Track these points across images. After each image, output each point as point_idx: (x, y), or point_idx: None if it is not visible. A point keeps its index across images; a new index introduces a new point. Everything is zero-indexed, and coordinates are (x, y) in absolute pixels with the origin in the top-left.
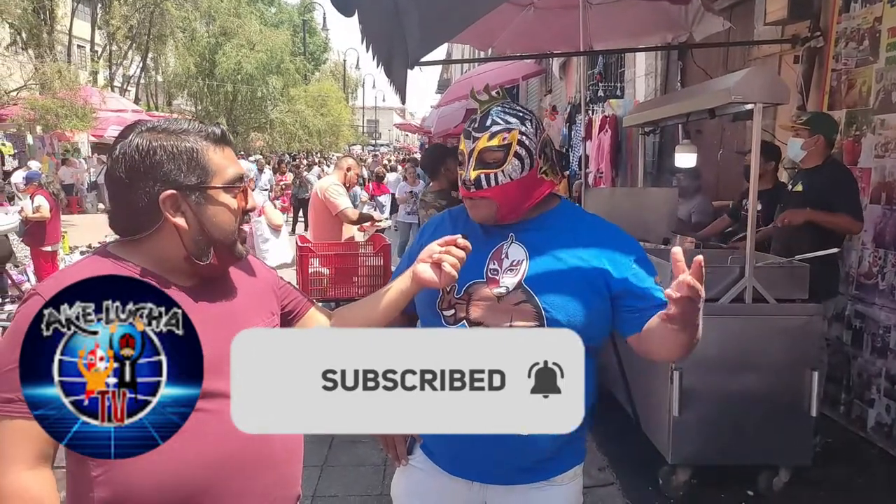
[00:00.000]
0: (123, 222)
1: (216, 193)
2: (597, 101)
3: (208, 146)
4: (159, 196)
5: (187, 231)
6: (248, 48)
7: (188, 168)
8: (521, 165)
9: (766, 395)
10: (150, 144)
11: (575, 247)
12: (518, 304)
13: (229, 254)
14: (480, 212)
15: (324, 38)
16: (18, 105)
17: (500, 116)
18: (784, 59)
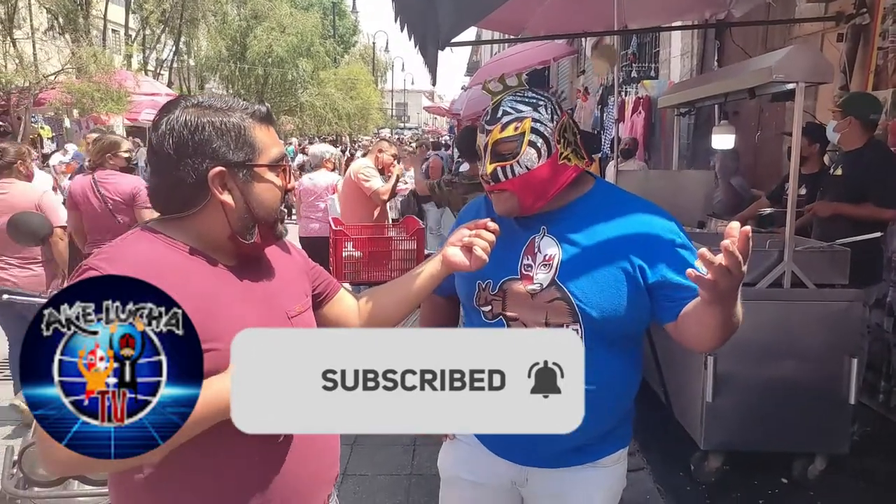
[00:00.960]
0: (168, 199)
1: (262, 171)
2: (630, 82)
3: (254, 124)
4: (208, 173)
5: (234, 209)
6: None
7: (236, 145)
8: (537, 154)
9: (803, 382)
10: (199, 120)
11: (608, 237)
12: (552, 302)
13: (271, 233)
14: (503, 205)
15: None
16: (56, 89)
17: (511, 106)
18: (827, 38)
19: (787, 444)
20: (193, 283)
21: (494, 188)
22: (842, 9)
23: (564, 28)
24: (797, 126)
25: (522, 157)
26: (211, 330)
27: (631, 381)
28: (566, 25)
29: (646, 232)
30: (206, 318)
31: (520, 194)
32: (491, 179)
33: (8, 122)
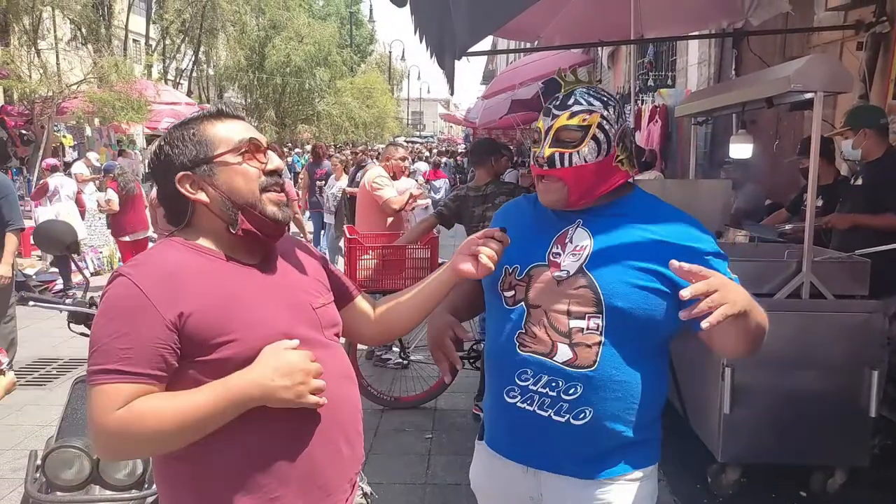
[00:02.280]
0: (173, 215)
1: (223, 160)
2: (646, 90)
3: (207, 124)
4: (175, 180)
5: (212, 203)
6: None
7: (188, 148)
8: (597, 149)
9: (822, 394)
10: (159, 145)
11: (643, 239)
12: (577, 289)
13: (261, 216)
14: (551, 195)
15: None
16: (78, 98)
17: (584, 98)
18: (846, 46)
19: (806, 457)
20: (214, 281)
21: (547, 173)
22: (861, 17)
23: (580, 37)
24: (816, 135)
25: (583, 148)
26: (231, 322)
27: (653, 391)
28: (582, 35)
29: (681, 241)
30: (226, 311)
31: (571, 185)
32: (547, 163)
33: (31, 130)
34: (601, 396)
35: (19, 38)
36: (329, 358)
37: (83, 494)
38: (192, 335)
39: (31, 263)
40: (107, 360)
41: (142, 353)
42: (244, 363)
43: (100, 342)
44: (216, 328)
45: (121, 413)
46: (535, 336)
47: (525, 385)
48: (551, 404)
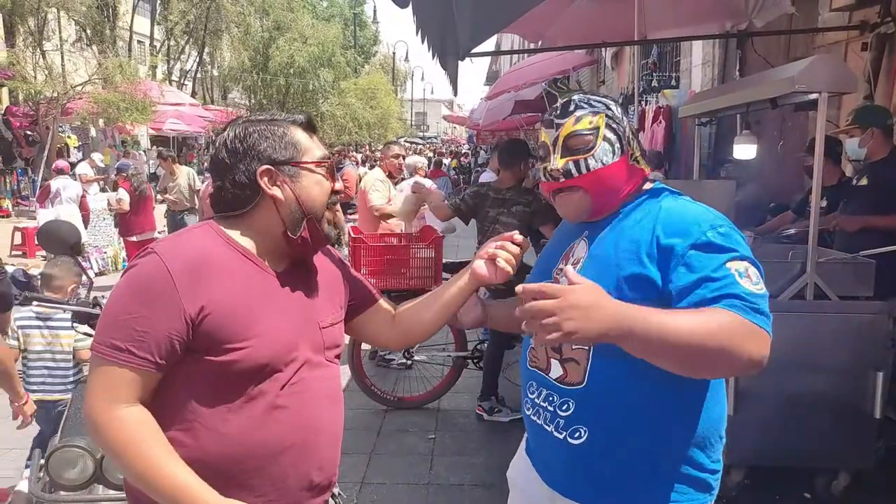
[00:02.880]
0: (227, 200)
1: (308, 168)
2: (650, 91)
3: (296, 129)
4: (257, 171)
5: (283, 203)
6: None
7: (280, 146)
8: (611, 150)
9: (826, 396)
10: (246, 129)
11: (631, 243)
12: None
13: (318, 231)
14: (573, 208)
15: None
16: (83, 99)
17: (584, 101)
18: (851, 47)
19: (809, 459)
20: (238, 283)
21: (565, 185)
22: (866, 18)
23: (584, 38)
24: (820, 136)
25: (598, 150)
26: (245, 329)
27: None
28: (586, 36)
29: (670, 235)
30: (242, 318)
31: (593, 192)
32: (563, 175)
33: (36, 131)
34: (596, 416)
35: (24, 40)
36: (321, 380)
37: (87, 494)
38: (206, 333)
39: (37, 264)
40: (121, 336)
41: (155, 340)
42: (247, 370)
43: (117, 316)
44: (230, 332)
45: (115, 422)
46: (536, 351)
47: (532, 398)
48: (551, 419)
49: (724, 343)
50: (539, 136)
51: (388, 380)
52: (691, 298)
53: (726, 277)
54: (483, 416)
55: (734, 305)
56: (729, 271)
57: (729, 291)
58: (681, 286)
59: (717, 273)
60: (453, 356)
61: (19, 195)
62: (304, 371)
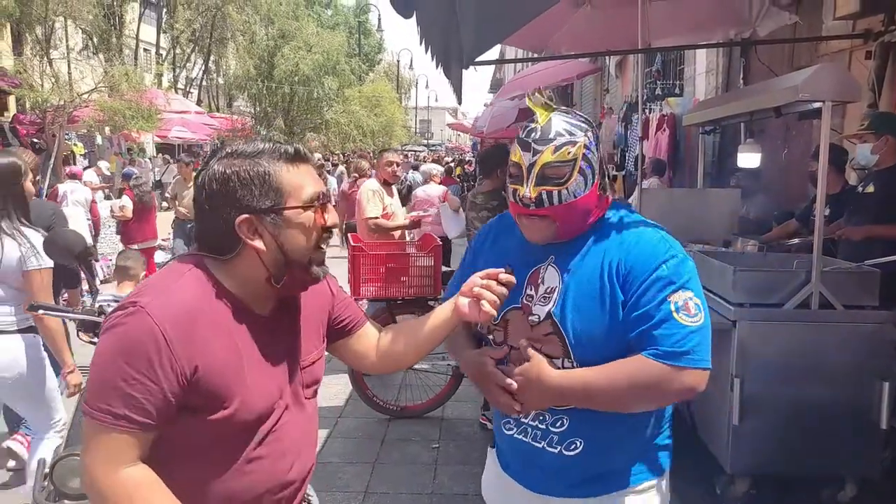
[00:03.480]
0: (210, 244)
1: (292, 214)
2: (654, 99)
3: (282, 167)
4: (235, 221)
5: (266, 253)
6: (306, 50)
7: (261, 192)
8: (584, 182)
9: (832, 405)
10: (226, 172)
11: (607, 272)
12: (547, 336)
13: (305, 274)
14: (539, 233)
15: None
16: (89, 107)
17: (565, 127)
18: (855, 55)
19: (816, 469)
20: (229, 335)
21: (536, 213)
22: (870, 26)
23: (588, 47)
24: (824, 145)
25: (571, 184)
26: (237, 385)
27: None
28: (590, 44)
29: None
30: (233, 374)
31: (561, 222)
32: (534, 203)
33: (43, 139)
34: (590, 427)
35: (32, 48)
36: (297, 421)
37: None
38: (200, 391)
39: None
40: (117, 403)
41: (153, 403)
42: (236, 425)
43: (111, 381)
44: (222, 387)
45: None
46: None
47: (517, 418)
48: (542, 436)
49: (646, 389)
50: (513, 154)
51: (390, 389)
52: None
53: (662, 310)
54: (487, 426)
55: (654, 353)
56: (668, 305)
57: (656, 332)
58: (631, 318)
59: (655, 306)
60: (453, 364)
61: None
62: (284, 416)
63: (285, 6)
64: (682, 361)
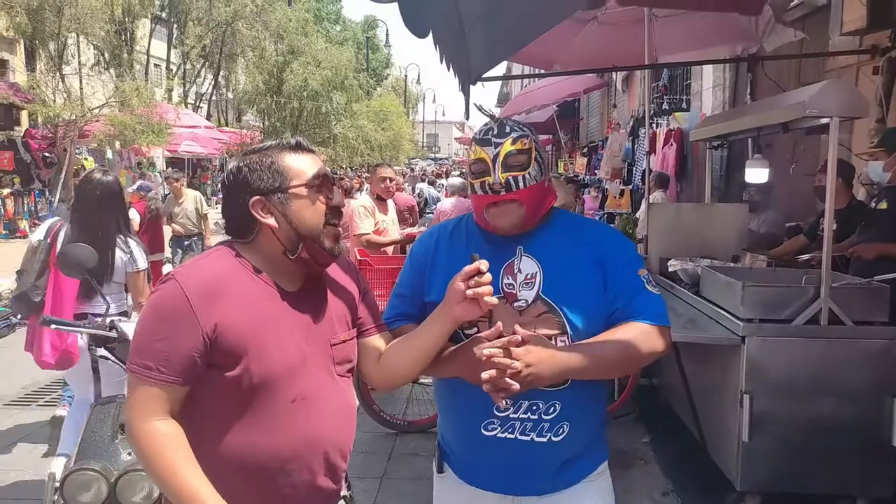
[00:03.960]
0: (234, 229)
1: (297, 192)
2: (661, 114)
3: (285, 154)
4: (249, 203)
5: (279, 228)
6: (314, 65)
7: (269, 176)
8: (539, 171)
9: (842, 422)
10: (238, 165)
11: (583, 254)
12: (540, 316)
13: (319, 248)
14: (507, 218)
15: (386, 55)
16: (100, 121)
17: (516, 126)
18: (862, 70)
19: (826, 487)
20: (250, 302)
21: (506, 197)
22: (877, 42)
23: (594, 62)
24: (832, 161)
25: (531, 170)
26: (254, 347)
27: (604, 387)
28: (596, 59)
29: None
30: (252, 334)
31: (527, 206)
32: (504, 188)
33: (54, 153)
34: (576, 408)
35: (45, 64)
36: (331, 394)
37: None
38: (221, 348)
39: None
40: (149, 356)
41: (179, 357)
42: (255, 387)
43: (143, 339)
44: (242, 347)
45: (146, 433)
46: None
47: (504, 415)
48: (532, 427)
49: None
50: (473, 154)
51: (397, 404)
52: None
53: (637, 283)
54: None
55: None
56: (640, 279)
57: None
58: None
59: (632, 280)
60: None
61: (36, 216)
62: (313, 385)
63: (295, 22)
64: (663, 321)
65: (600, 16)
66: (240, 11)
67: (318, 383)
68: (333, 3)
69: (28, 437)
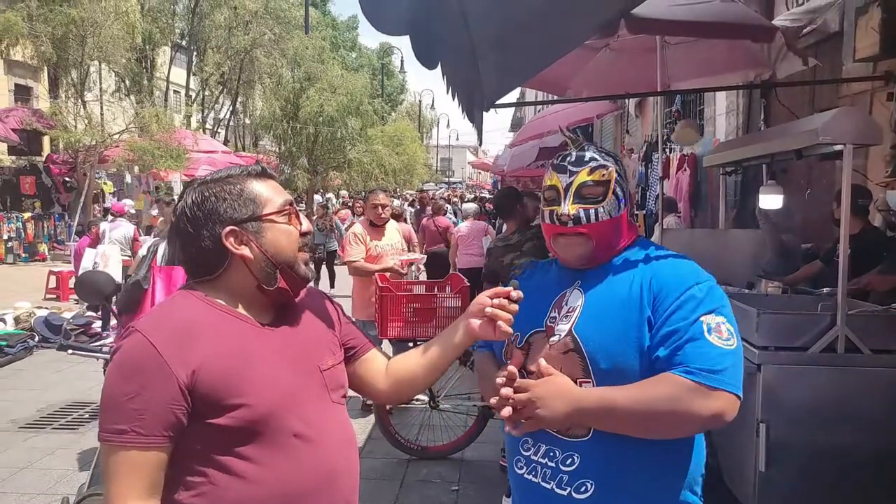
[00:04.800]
0: (198, 267)
1: (270, 220)
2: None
3: (252, 182)
4: (221, 234)
5: (253, 260)
6: (330, 92)
7: (239, 204)
8: (617, 204)
9: (861, 452)
10: (203, 194)
11: (629, 289)
12: (567, 353)
13: (294, 275)
14: (574, 251)
15: (401, 81)
16: (120, 147)
17: (598, 154)
18: (876, 97)
19: None
20: (227, 339)
21: (572, 230)
22: (891, 68)
23: (607, 89)
24: (846, 189)
25: (606, 203)
26: (240, 387)
27: (675, 462)
28: (609, 86)
29: (662, 284)
30: (235, 371)
31: (597, 241)
32: (572, 221)
33: (75, 177)
34: (602, 468)
35: (66, 91)
36: (334, 423)
37: None
38: (202, 395)
39: (69, 307)
40: (121, 419)
41: (154, 414)
42: (250, 428)
43: (114, 400)
44: (225, 389)
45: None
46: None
47: (528, 455)
48: (552, 476)
49: (673, 409)
50: (548, 180)
51: (411, 429)
52: (661, 349)
53: (694, 328)
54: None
55: (685, 371)
56: (700, 325)
57: (690, 347)
58: (661, 336)
59: (688, 324)
60: (479, 406)
61: (56, 240)
62: (312, 415)
63: (311, 50)
64: (713, 382)
65: (612, 43)
66: (258, 40)
67: (316, 413)
68: (350, 31)
69: (41, 461)
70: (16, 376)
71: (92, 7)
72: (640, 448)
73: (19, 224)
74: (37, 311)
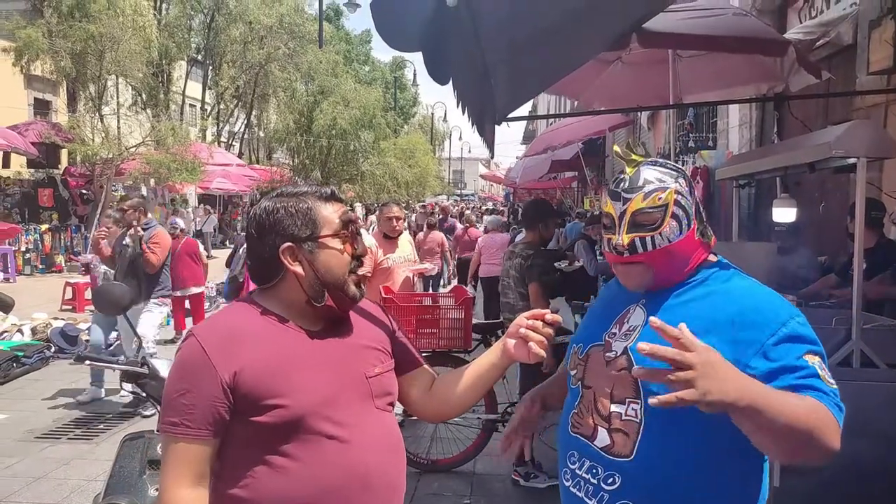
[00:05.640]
0: (259, 272)
1: (326, 242)
2: (687, 151)
3: (319, 203)
4: (279, 248)
5: (304, 277)
6: (343, 105)
7: (303, 223)
8: (678, 227)
9: (878, 468)
10: (274, 206)
11: (698, 320)
12: (620, 371)
13: (343, 295)
14: (633, 280)
15: (413, 94)
16: (136, 160)
17: (653, 174)
18: (891, 110)
19: None
20: (272, 345)
21: (628, 260)
22: None
23: (619, 101)
24: (860, 202)
25: (665, 229)
26: (279, 388)
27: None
28: (621, 99)
29: (740, 320)
30: (276, 373)
31: (657, 268)
32: (627, 251)
33: (91, 190)
34: (646, 493)
35: (84, 105)
36: (376, 428)
37: None
38: (244, 395)
39: (85, 318)
40: (174, 413)
41: (201, 410)
42: (288, 426)
43: (169, 396)
44: (265, 389)
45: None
46: (581, 417)
47: (573, 469)
48: (594, 493)
49: (816, 430)
50: (603, 206)
51: (421, 442)
52: (775, 384)
53: (807, 369)
54: (519, 482)
55: (823, 399)
56: (809, 364)
57: (813, 384)
58: (761, 373)
59: (798, 363)
60: (483, 418)
61: (72, 251)
62: (352, 419)
63: (325, 64)
64: (839, 417)
65: (624, 56)
66: (272, 54)
67: (356, 418)
68: (363, 45)
69: (56, 472)
70: (32, 387)
71: (110, 23)
72: (687, 475)
73: (37, 236)
74: (53, 322)
